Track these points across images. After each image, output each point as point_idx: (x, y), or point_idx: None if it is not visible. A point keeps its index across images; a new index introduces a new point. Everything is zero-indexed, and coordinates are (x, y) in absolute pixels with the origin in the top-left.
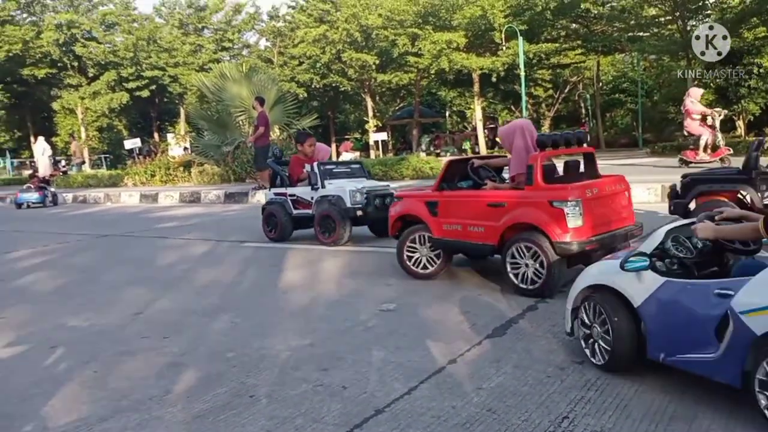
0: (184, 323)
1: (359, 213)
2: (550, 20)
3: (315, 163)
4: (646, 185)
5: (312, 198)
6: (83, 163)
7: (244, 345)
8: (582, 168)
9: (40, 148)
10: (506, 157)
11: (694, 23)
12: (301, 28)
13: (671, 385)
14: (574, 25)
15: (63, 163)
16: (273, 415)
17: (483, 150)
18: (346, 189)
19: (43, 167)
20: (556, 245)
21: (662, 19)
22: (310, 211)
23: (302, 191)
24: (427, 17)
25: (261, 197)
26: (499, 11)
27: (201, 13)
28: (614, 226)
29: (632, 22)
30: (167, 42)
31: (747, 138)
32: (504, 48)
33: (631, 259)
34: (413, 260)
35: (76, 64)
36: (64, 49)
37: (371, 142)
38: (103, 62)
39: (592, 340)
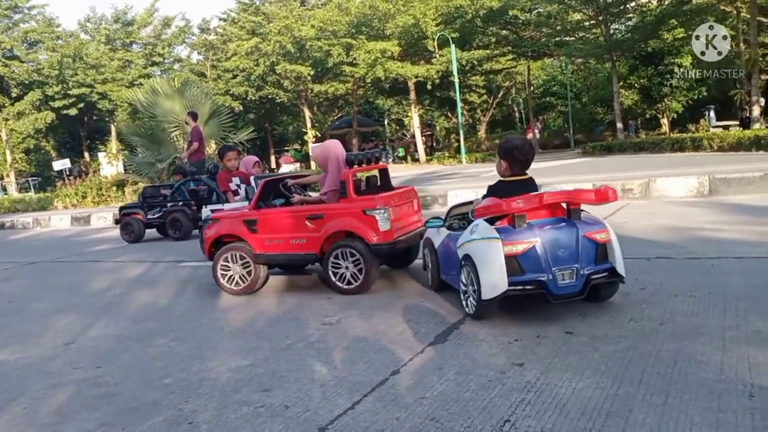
0: (118, 350)
1: None
2: (481, 27)
3: (252, 177)
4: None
5: None
6: None
7: (182, 369)
8: (379, 182)
9: None
10: (315, 176)
11: (616, 26)
12: (233, 41)
13: (607, 383)
14: (503, 31)
15: None
16: None
17: (422, 155)
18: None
19: None
20: (372, 247)
21: (587, 23)
22: None
23: (240, 206)
24: (360, 27)
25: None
26: (431, 19)
27: (128, 28)
28: (411, 228)
29: (558, 27)
30: (94, 58)
31: (671, 135)
32: (437, 56)
33: (431, 220)
34: (227, 278)
35: None
36: None
37: (311, 153)
38: (27, 81)
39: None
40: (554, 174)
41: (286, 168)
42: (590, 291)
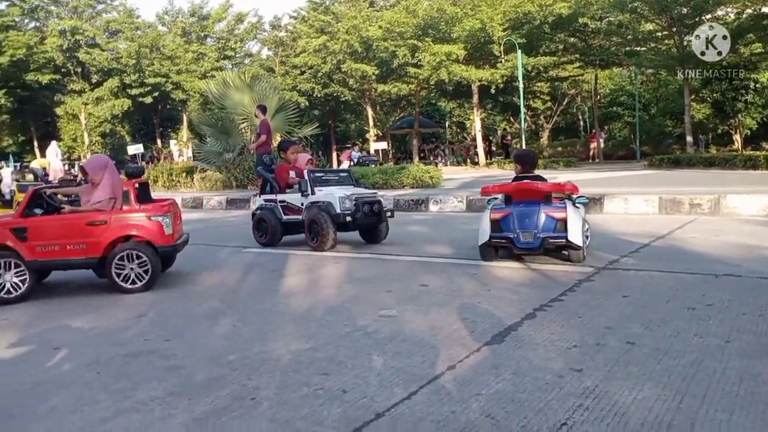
0: (186, 326)
1: (348, 219)
2: (549, 34)
3: (305, 170)
4: (644, 197)
5: (302, 204)
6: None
7: (245, 348)
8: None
9: (53, 152)
10: (77, 188)
11: (690, 38)
12: (302, 38)
13: (668, 396)
14: (572, 39)
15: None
16: (274, 417)
17: (482, 159)
18: (336, 195)
19: (54, 171)
20: (159, 249)
21: (659, 33)
22: (299, 217)
23: (292, 197)
24: (426, 29)
25: None
26: (498, 24)
27: (203, 22)
28: (181, 233)
29: (629, 36)
30: (170, 50)
31: (744, 152)
32: (503, 60)
33: (491, 199)
34: (1, 289)
35: (79, 70)
36: (67, 55)
37: (372, 151)
38: (106, 69)
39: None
40: (617, 185)
41: (347, 165)
42: (554, 251)
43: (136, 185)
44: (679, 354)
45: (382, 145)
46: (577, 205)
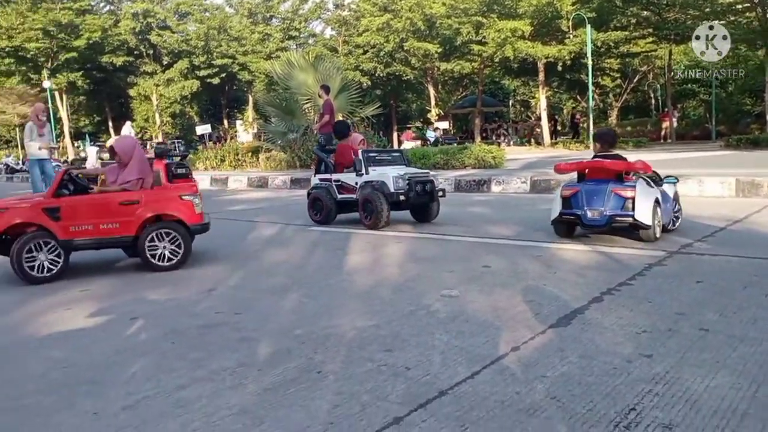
0: (255, 300)
1: (402, 198)
2: (620, 7)
3: (359, 150)
4: (720, 179)
5: (356, 183)
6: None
7: (312, 323)
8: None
9: (128, 132)
10: (101, 168)
11: None
12: (365, 17)
13: (744, 384)
14: (645, 12)
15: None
16: (340, 390)
17: (547, 139)
18: (390, 175)
19: None
20: (191, 227)
21: (739, 6)
22: (353, 196)
23: (347, 177)
24: (491, 5)
25: None
26: None
27: (269, 3)
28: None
29: (707, 9)
30: (237, 31)
31: None
32: (571, 36)
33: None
34: (35, 268)
35: (151, 52)
36: (140, 37)
37: (434, 131)
38: (176, 50)
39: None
40: (690, 166)
41: (408, 145)
42: (623, 229)
43: (174, 167)
44: (755, 342)
45: (444, 124)
46: (667, 183)
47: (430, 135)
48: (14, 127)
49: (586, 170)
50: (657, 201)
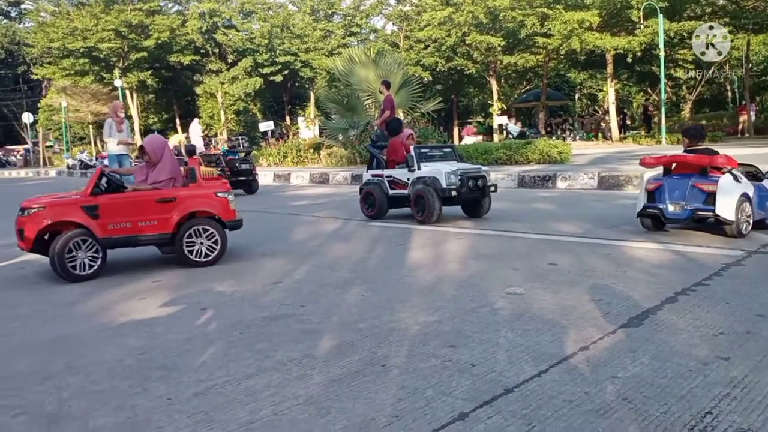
0: (319, 294)
1: (454, 193)
2: None
3: (411, 147)
4: None
5: (408, 179)
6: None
7: (375, 317)
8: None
9: (196, 130)
10: (132, 167)
11: None
12: (427, 12)
13: None
14: (721, 0)
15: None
16: (404, 385)
17: (615, 133)
18: (442, 171)
19: (198, 148)
20: (228, 224)
21: None
22: (405, 191)
23: (398, 173)
24: None
25: None
26: None
27: (331, 0)
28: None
29: None
30: (299, 28)
31: None
32: (642, 27)
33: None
34: (77, 266)
35: (216, 50)
36: (206, 36)
37: (495, 126)
38: (240, 49)
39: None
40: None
41: (469, 140)
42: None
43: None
44: None
45: (505, 119)
46: (761, 177)
47: (513, 129)
48: (88, 125)
49: (672, 164)
50: (746, 196)
